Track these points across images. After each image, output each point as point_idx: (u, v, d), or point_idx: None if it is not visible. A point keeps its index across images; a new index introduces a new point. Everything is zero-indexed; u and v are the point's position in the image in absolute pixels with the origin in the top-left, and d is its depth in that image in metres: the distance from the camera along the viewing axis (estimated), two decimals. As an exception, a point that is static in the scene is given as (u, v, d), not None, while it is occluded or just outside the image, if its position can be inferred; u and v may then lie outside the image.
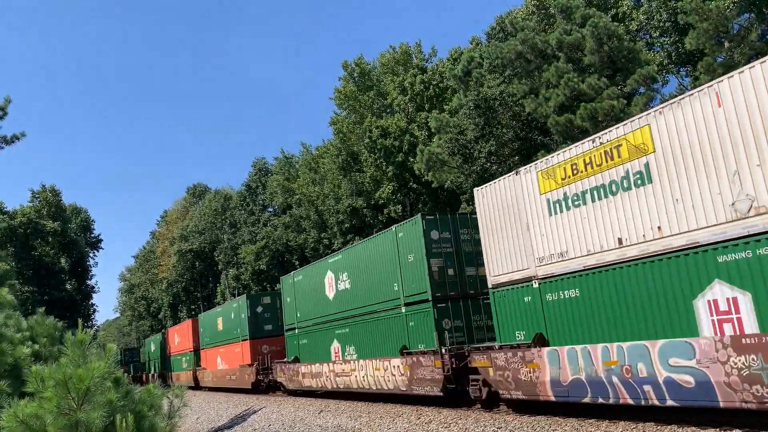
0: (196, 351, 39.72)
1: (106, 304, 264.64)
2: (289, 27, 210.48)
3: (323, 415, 18.29)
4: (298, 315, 24.68)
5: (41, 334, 7.62)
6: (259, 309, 30.33)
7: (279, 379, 26.22)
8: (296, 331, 24.83)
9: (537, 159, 15.09)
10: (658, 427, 9.88)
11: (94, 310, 73.96)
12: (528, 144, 29.92)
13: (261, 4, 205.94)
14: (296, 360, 24.48)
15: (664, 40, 29.70)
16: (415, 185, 40.46)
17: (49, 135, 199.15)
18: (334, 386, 20.94)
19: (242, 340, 30.38)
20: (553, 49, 26.44)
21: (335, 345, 21.44)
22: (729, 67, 22.43)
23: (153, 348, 55.67)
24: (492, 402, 14.13)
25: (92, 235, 79.91)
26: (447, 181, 31.96)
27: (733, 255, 8.75)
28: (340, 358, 20.76)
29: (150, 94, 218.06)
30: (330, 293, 21.75)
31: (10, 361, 6.42)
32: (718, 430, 9.21)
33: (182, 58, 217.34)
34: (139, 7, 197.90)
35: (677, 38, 28.98)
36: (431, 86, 41.77)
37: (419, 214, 16.65)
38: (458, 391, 14.75)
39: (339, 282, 21.10)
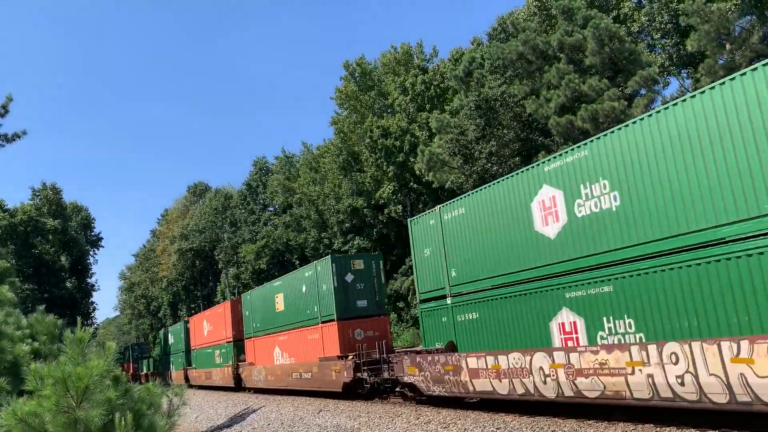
0: (238, 341, 31.91)
1: (106, 302, 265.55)
2: (291, 26, 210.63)
3: (322, 414, 18.30)
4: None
5: (41, 332, 7.63)
6: (349, 277, 21.75)
7: (411, 379, 16.32)
8: (448, 301, 15.72)
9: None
10: (657, 429, 9.89)
11: (94, 309, 74.06)
12: (529, 145, 29.95)
13: (263, 3, 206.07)
14: (452, 348, 15.51)
15: (666, 42, 29.72)
16: (415, 185, 40.49)
17: (51, 133, 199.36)
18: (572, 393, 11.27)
19: (324, 323, 21.94)
20: (554, 50, 26.45)
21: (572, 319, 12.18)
22: (730, 69, 22.45)
23: (173, 340, 47.36)
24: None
25: (92, 234, 80.00)
26: (447, 181, 31.98)
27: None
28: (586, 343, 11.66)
29: (151, 93, 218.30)
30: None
31: (10, 359, 6.43)
32: (716, 431, 9.22)
33: (184, 56, 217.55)
34: (141, 4, 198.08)
35: (678, 40, 28.99)
36: (432, 86, 41.81)
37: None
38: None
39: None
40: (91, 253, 76.33)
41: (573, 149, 12.29)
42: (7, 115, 23.39)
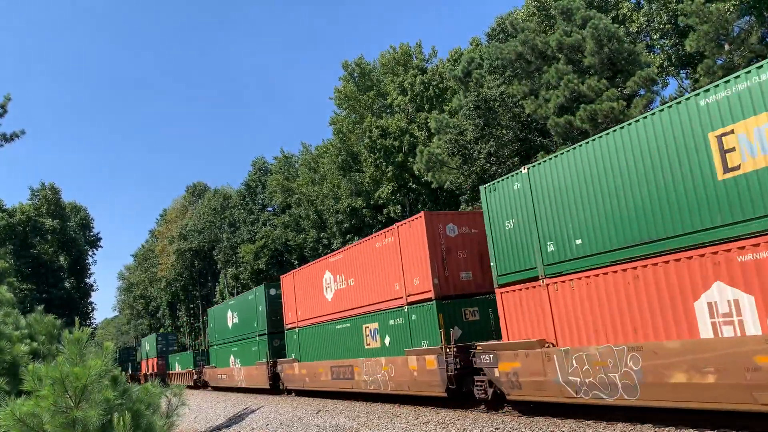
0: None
1: (105, 302, 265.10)
2: (289, 26, 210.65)
3: (321, 414, 18.29)
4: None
5: (40, 332, 7.62)
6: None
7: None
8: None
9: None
10: (656, 429, 9.89)
11: (93, 309, 74.06)
12: (527, 145, 29.96)
13: (262, 3, 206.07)
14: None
15: (665, 42, 29.74)
16: (414, 185, 40.50)
17: (49, 133, 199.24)
18: None
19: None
20: (553, 50, 26.46)
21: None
22: (729, 69, 22.47)
23: (235, 321, 32.19)
24: None
25: (91, 234, 79.99)
26: (446, 181, 31.99)
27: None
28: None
29: (150, 93, 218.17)
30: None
31: (8, 359, 6.42)
32: (715, 431, 9.22)
33: (182, 56, 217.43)
34: (139, 5, 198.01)
35: (677, 40, 29.01)
36: (431, 87, 41.82)
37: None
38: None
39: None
40: (90, 253, 76.38)
41: None
42: (5, 115, 23.35)
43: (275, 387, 27.12)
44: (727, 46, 23.51)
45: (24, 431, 4.00)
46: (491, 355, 13.34)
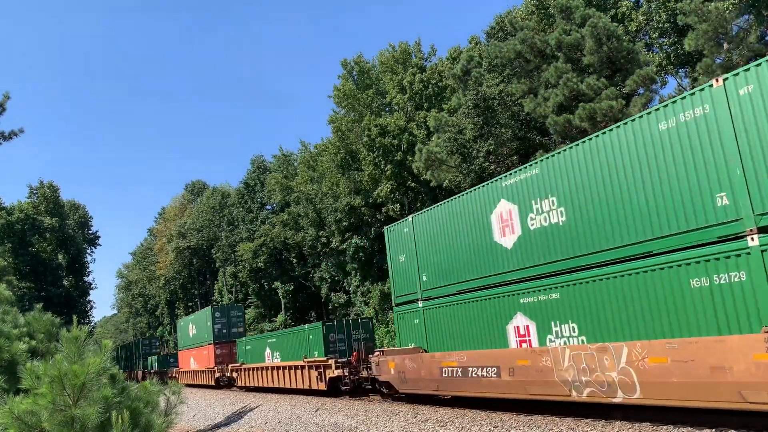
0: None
1: (104, 300, 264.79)
2: (288, 24, 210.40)
3: (320, 413, 18.29)
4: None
5: (38, 331, 7.62)
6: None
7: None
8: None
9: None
10: (654, 427, 9.91)
11: (92, 307, 74.03)
12: (526, 144, 29.94)
13: (261, 2, 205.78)
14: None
15: (664, 41, 29.74)
16: (413, 184, 40.46)
17: (48, 131, 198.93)
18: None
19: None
20: (552, 49, 26.44)
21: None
22: (728, 68, 22.47)
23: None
24: None
25: (90, 232, 79.97)
26: (445, 180, 31.97)
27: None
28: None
29: (149, 91, 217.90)
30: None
31: (7, 357, 6.42)
32: (713, 430, 9.24)
33: (181, 54, 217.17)
34: (139, 2, 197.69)
35: (676, 39, 29.01)
36: (430, 85, 41.79)
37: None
38: None
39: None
40: (89, 251, 76.34)
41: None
42: (4, 113, 23.31)
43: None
44: (726, 45, 23.52)
45: (22, 429, 4.00)
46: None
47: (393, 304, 17.91)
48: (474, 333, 14.42)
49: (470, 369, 14.05)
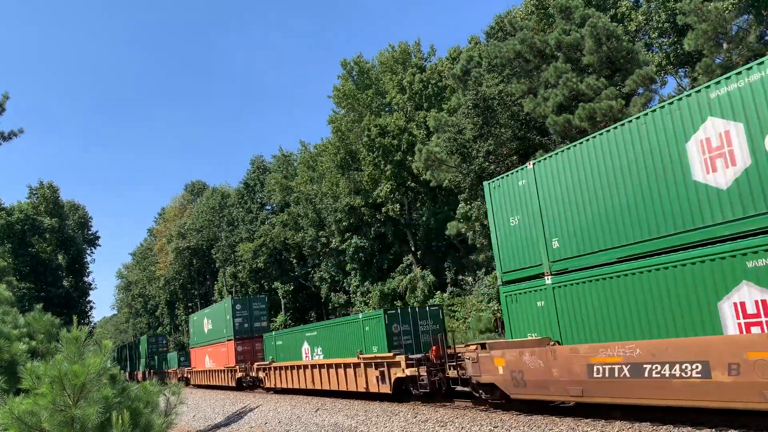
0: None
1: (104, 301, 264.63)
2: (288, 25, 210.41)
3: (320, 413, 18.29)
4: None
5: (38, 331, 7.63)
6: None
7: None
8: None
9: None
10: (654, 427, 9.90)
11: (91, 307, 73.95)
12: (526, 144, 29.94)
13: (260, 2, 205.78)
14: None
15: (663, 41, 29.74)
16: (413, 184, 40.50)
17: (48, 132, 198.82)
18: None
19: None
20: (552, 49, 26.45)
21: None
22: (727, 68, 22.46)
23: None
24: None
25: (90, 232, 79.94)
26: (445, 180, 31.99)
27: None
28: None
29: (149, 91, 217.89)
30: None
31: (7, 358, 6.42)
32: (713, 430, 9.23)
33: (181, 54, 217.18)
34: (138, 3, 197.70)
35: (676, 39, 29.01)
36: (430, 85, 41.81)
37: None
38: None
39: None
40: (89, 251, 76.32)
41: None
42: (3, 113, 23.34)
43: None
44: (725, 45, 23.52)
45: (23, 429, 4.00)
46: None
47: (500, 282, 14.13)
48: (650, 317, 10.51)
49: (647, 366, 9.59)
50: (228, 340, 31.66)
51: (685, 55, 28.78)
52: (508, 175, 14.01)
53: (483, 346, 13.86)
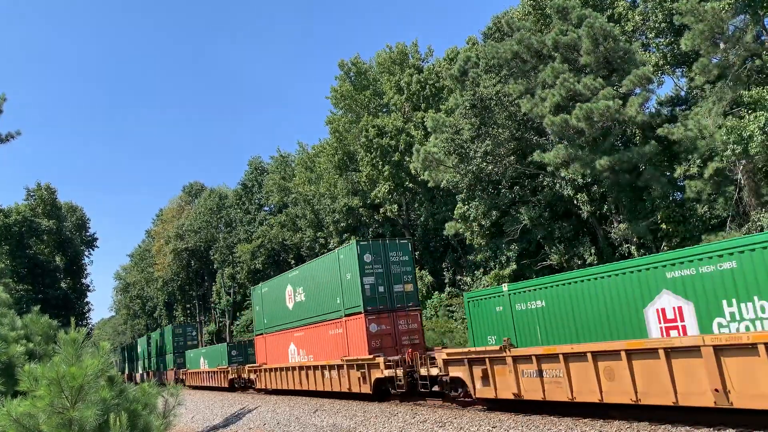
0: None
1: (102, 303, 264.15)
2: (286, 26, 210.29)
3: (318, 414, 18.28)
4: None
5: (36, 333, 7.61)
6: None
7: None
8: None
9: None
10: (652, 427, 9.91)
11: (89, 309, 73.64)
12: (524, 144, 29.96)
13: (258, 4, 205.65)
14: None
15: (660, 41, 29.73)
16: (411, 184, 40.47)
17: (46, 133, 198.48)
18: None
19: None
20: (549, 49, 26.47)
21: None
22: (724, 68, 22.51)
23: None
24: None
25: (87, 234, 79.66)
26: (443, 180, 31.99)
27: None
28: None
29: (147, 93, 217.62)
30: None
31: (4, 360, 6.41)
32: (711, 429, 9.25)
33: (179, 56, 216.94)
34: (136, 5, 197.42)
35: (673, 39, 29.00)
36: (427, 86, 41.79)
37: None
38: None
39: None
40: (86, 253, 76.03)
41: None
42: (0, 115, 23.23)
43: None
44: (722, 45, 23.55)
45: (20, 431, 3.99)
46: None
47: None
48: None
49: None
50: (348, 316, 20.52)
51: (682, 55, 28.77)
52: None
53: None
